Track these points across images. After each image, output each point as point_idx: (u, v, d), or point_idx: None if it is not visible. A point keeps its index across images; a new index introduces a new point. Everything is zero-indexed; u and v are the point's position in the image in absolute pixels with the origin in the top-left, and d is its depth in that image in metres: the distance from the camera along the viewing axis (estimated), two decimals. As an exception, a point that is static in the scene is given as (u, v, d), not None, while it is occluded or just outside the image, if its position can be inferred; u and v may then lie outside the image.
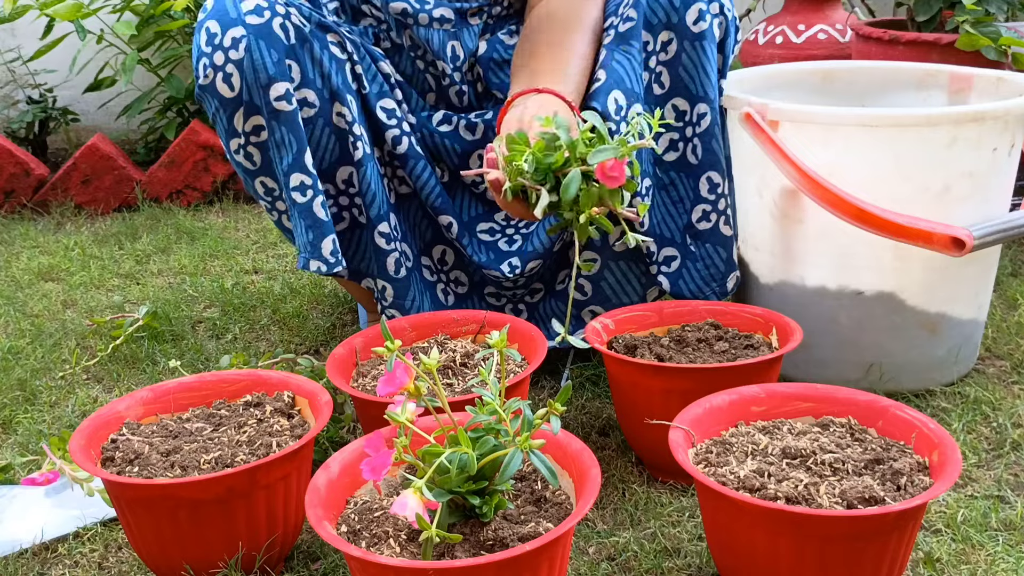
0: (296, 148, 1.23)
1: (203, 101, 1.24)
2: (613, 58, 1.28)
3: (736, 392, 1.03)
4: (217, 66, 1.20)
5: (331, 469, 0.90)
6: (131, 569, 1.05)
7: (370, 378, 1.17)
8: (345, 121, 1.28)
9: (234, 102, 1.21)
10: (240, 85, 1.20)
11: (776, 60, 2.52)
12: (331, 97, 1.27)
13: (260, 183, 1.29)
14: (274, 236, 2.13)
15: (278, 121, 1.22)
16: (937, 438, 0.93)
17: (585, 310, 1.40)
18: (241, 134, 1.24)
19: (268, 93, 1.20)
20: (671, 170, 1.34)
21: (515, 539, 0.81)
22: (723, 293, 1.39)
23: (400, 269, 1.35)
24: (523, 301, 1.46)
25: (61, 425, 1.34)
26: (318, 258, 1.27)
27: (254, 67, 1.19)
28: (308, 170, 1.24)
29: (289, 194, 1.25)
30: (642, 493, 1.14)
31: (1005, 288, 1.67)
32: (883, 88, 1.51)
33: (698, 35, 1.27)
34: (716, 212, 1.35)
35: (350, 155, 1.29)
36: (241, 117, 1.22)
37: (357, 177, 1.30)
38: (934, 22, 2.04)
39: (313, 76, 1.25)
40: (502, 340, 0.84)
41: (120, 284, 1.89)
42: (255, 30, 1.19)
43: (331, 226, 1.27)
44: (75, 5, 2.32)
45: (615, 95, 1.26)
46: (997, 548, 1.01)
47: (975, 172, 1.24)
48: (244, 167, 1.27)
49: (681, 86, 1.30)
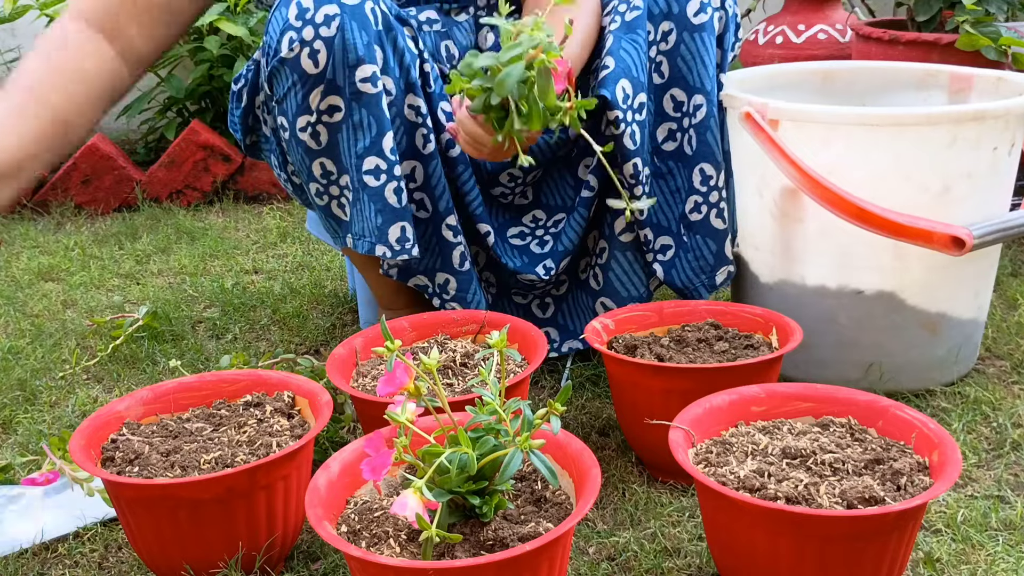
0: (376, 131, 1.22)
1: (276, 76, 1.22)
2: (621, 46, 1.28)
3: (736, 392, 1.03)
4: (305, 40, 1.18)
5: (331, 469, 0.90)
6: (131, 569, 1.05)
7: (370, 378, 1.17)
8: (418, 114, 1.27)
9: (315, 79, 1.20)
10: (326, 62, 1.19)
11: (776, 60, 2.52)
12: (407, 88, 1.26)
13: (319, 164, 1.26)
14: (274, 236, 2.13)
15: (359, 103, 1.21)
16: (937, 438, 0.93)
17: (597, 302, 1.42)
18: (314, 112, 1.22)
19: (355, 74, 1.19)
20: (669, 160, 1.36)
21: (515, 539, 0.81)
22: (712, 286, 1.39)
23: (464, 262, 1.34)
24: (549, 295, 1.46)
25: (61, 425, 1.34)
26: (384, 243, 1.26)
27: (344, 46, 1.18)
28: (386, 155, 1.23)
29: (360, 177, 1.24)
30: (642, 493, 1.14)
31: (1005, 288, 1.67)
32: (883, 88, 1.51)
33: (698, 26, 1.28)
34: (707, 204, 1.36)
35: (418, 149, 1.29)
36: (319, 95, 1.21)
37: (424, 171, 1.29)
38: (934, 22, 2.04)
39: (393, 65, 1.24)
40: (502, 340, 0.84)
41: (120, 284, 1.89)
42: (350, 10, 1.18)
43: (405, 213, 1.26)
44: (75, 5, 2.32)
45: (623, 84, 1.27)
46: (997, 548, 1.01)
47: (975, 172, 1.24)
48: (307, 146, 1.25)
49: (679, 76, 1.31)
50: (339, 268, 1.92)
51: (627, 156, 1.30)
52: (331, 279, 1.86)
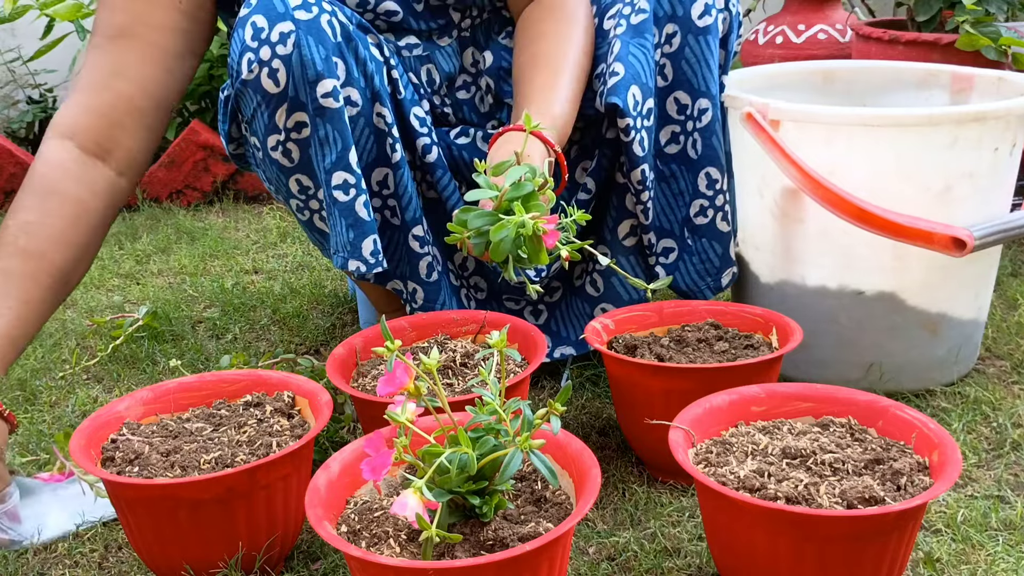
0: (341, 146, 1.21)
1: (241, 98, 1.22)
2: (629, 51, 1.28)
3: (736, 392, 1.03)
4: (263, 61, 1.17)
5: (331, 469, 0.90)
6: (131, 569, 1.05)
7: (370, 378, 1.16)
8: (384, 123, 1.26)
9: (278, 98, 1.19)
10: (286, 80, 1.17)
11: (776, 60, 2.52)
12: (372, 98, 1.25)
13: (296, 181, 1.26)
14: (274, 236, 2.13)
15: (323, 118, 1.20)
16: (937, 438, 0.93)
17: (597, 308, 1.41)
18: (282, 130, 1.21)
19: (315, 89, 1.18)
20: (672, 163, 1.35)
21: (515, 539, 0.81)
22: (718, 288, 1.40)
23: (432, 272, 1.34)
24: (543, 301, 1.46)
25: (61, 425, 1.34)
26: (357, 258, 1.25)
27: (302, 63, 1.17)
28: (352, 169, 1.22)
29: (330, 192, 1.23)
30: (642, 493, 1.14)
31: (1005, 288, 1.67)
32: (885, 88, 1.51)
33: (702, 29, 1.28)
34: (713, 208, 1.36)
35: (387, 157, 1.28)
36: (284, 113, 1.20)
37: (393, 179, 1.29)
38: (934, 22, 2.04)
39: (357, 75, 1.23)
40: (502, 340, 0.84)
41: (120, 284, 1.89)
42: (304, 25, 1.17)
43: (373, 226, 1.25)
44: (75, 5, 2.32)
45: (633, 90, 1.27)
46: (997, 548, 1.01)
47: (976, 172, 1.24)
48: (280, 164, 1.24)
49: (684, 79, 1.31)
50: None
51: (636, 163, 1.29)
52: (331, 279, 1.86)
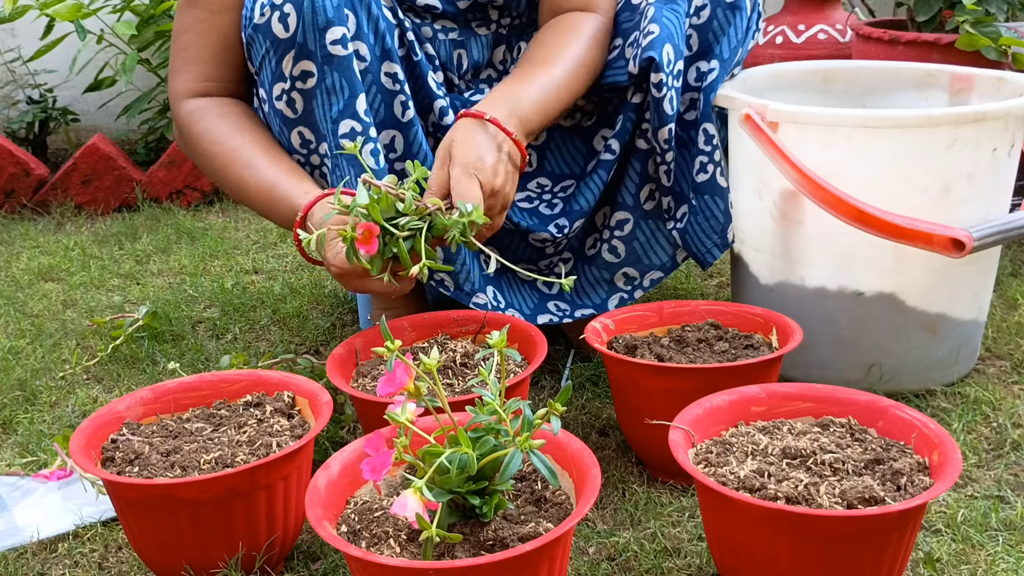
0: (348, 95, 1.21)
1: (252, 46, 1.23)
2: (663, 14, 1.30)
3: (736, 392, 1.03)
4: (275, 5, 1.18)
5: (331, 469, 0.90)
6: (131, 569, 1.05)
7: (370, 378, 1.17)
8: (395, 81, 1.25)
9: (286, 43, 1.19)
10: (296, 26, 1.18)
11: (776, 60, 2.52)
12: (382, 55, 1.25)
13: (298, 133, 1.25)
14: (274, 236, 2.13)
15: (331, 66, 1.19)
16: (937, 438, 0.93)
17: (618, 273, 1.42)
18: (287, 78, 1.21)
19: (324, 36, 1.18)
20: (691, 128, 1.37)
21: (515, 539, 0.81)
22: (724, 245, 1.41)
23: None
24: (553, 273, 1.46)
25: (61, 425, 1.34)
26: None
27: (314, 8, 1.17)
28: (360, 117, 1.22)
29: (336, 142, 1.22)
30: (642, 493, 1.14)
31: (1005, 288, 1.67)
32: (884, 88, 1.51)
33: (731, 4, 1.31)
34: (712, 163, 1.38)
35: (396, 118, 1.27)
36: (291, 60, 1.20)
37: (404, 140, 1.28)
38: (934, 22, 2.04)
39: (367, 31, 1.23)
40: (502, 340, 0.84)
41: (120, 284, 1.89)
42: None
43: (384, 175, 1.24)
44: (75, 5, 2.32)
45: (667, 48, 1.28)
46: (997, 548, 1.01)
47: (975, 173, 1.24)
48: (284, 115, 1.24)
49: (707, 48, 1.34)
50: (339, 268, 1.92)
51: (664, 121, 1.31)
52: (331, 279, 1.86)
